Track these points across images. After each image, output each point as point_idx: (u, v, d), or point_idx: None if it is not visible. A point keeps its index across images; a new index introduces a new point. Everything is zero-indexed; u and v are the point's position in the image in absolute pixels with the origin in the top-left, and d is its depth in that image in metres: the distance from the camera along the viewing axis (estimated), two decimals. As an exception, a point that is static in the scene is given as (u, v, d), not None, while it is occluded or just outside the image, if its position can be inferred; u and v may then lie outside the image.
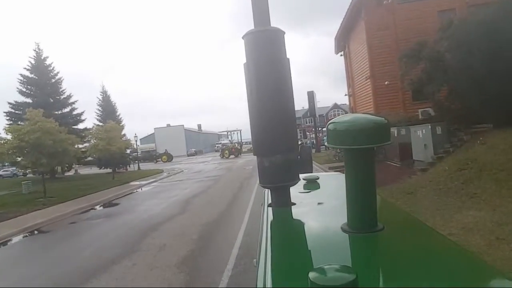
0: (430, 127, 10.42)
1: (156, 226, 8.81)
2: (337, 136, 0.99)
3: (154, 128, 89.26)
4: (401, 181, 9.99)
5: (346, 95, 29.58)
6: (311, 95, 31.34)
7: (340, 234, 1.05)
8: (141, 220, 9.78)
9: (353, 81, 24.44)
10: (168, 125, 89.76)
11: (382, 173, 12.28)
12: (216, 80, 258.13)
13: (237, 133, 71.85)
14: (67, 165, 20.47)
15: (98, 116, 29.73)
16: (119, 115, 31.17)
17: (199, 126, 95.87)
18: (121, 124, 31.14)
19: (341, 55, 29.09)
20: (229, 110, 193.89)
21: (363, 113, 1.16)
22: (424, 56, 13.55)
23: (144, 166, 42.51)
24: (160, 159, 53.14)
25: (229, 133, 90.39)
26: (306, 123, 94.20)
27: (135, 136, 35.92)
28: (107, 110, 29.91)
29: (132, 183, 21.26)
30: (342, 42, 24.80)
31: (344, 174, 1.09)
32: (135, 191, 17.96)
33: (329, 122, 1.01)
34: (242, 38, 1.44)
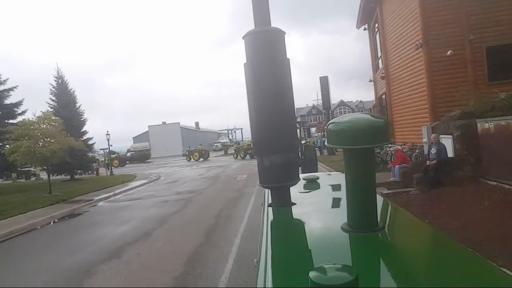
0: None
1: None
2: (337, 136, 1.01)
3: (148, 126, 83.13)
4: None
5: (370, 80, 22.80)
6: (324, 82, 24.32)
7: (341, 234, 1.05)
8: None
9: (386, 58, 17.64)
10: (164, 123, 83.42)
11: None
12: (219, 78, 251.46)
13: (234, 132, 65.31)
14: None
15: (51, 107, 23.05)
16: (79, 107, 24.41)
17: (197, 124, 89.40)
18: (81, 119, 24.51)
19: (364, 28, 22.35)
20: (231, 108, 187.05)
21: (365, 113, 1.10)
22: None
23: (130, 169, 36.04)
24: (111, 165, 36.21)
25: (229, 131, 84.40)
26: (311, 121, 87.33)
27: (107, 134, 29.26)
28: (63, 100, 23.15)
29: (70, 201, 14.60)
30: (372, 4, 17.97)
31: (344, 174, 1.09)
32: (43, 225, 11.25)
33: (329, 122, 1.04)
34: (243, 38, 1.44)
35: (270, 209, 1.46)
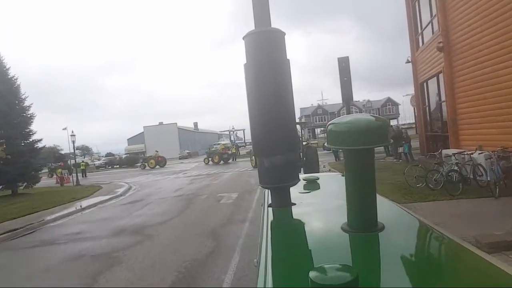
0: None
1: None
2: (337, 137, 0.99)
3: (144, 127, 77.85)
4: None
5: (408, 61, 16.99)
6: (344, 65, 18.14)
7: (341, 234, 1.04)
8: None
9: (446, 20, 11.84)
10: (160, 123, 77.99)
11: None
12: (221, 79, 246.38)
13: (235, 133, 59.70)
14: None
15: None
16: (24, 99, 18.71)
17: (195, 124, 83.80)
18: (27, 114, 18.82)
19: (399, -8, 16.59)
20: (234, 109, 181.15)
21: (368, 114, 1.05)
22: None
23: (110, 175, 30.49)
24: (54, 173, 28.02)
25: (231, 132, 79.20)
26: (316, 121, 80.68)
27: (72, 135, 23.68)
28: None
29: None
30: None
31: (344, 175, 1.09)
32: None
33: (329, 123, 1.03)
34: (243, 38, 1.43)
35: (270, 209, 1.45)
